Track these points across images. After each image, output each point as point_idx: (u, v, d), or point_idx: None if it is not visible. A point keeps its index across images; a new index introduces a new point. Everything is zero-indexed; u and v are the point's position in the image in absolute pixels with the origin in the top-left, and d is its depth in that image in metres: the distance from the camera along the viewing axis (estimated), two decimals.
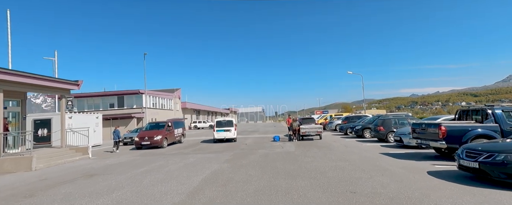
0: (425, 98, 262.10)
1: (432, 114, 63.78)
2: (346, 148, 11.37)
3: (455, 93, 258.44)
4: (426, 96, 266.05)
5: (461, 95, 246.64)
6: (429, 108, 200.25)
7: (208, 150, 12.90)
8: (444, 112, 73.17)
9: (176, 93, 42.28)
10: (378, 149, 10.71)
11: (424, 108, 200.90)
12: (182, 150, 13.37)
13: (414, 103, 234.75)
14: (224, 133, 16.32)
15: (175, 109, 41.27)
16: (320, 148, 11.94)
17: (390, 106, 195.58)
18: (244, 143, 15.83)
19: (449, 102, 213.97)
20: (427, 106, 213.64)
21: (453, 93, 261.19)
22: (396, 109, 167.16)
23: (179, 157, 10.73)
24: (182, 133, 18.15)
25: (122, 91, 30.49)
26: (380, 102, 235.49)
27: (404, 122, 12.49)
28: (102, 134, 26.32)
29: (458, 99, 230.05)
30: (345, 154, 9.71)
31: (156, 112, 33.10)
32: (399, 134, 10.49)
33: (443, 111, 76.49)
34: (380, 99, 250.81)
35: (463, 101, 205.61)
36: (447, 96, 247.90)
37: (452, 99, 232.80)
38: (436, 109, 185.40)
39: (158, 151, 13.57)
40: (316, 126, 15.72)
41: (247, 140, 18.14)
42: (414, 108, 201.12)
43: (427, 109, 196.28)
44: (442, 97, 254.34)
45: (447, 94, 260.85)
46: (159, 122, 17.09)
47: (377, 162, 7.75)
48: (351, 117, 21.18)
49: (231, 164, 8.61)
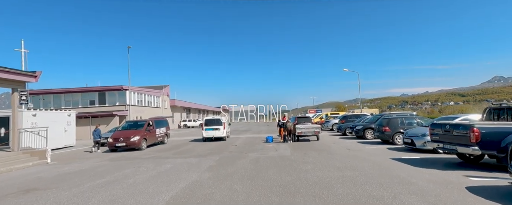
0: (415, 97, 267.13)
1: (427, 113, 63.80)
2: (349, 152, 9.96)
3: (443, 93, 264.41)
4: (416, 96, 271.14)
5: (450, 95, 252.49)
6: (419, 107, 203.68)
7: (191, 153, 11.25)
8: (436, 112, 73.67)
9: (165, 90, 40.14)
10: (386, 153, 9.33)
11: (414, 107, 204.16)
12: (162, 153, 11.67)
13: (404, 102, 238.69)
14: (213, 131, 15.87)
15: (163, 107, 39.17)
16: (319, 151, 10.49)
17: (381, 106, 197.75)
18: (233, 144, 14.26)
19: (438, 101, 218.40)
20: (417, 105, 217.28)
21: (442, 93, 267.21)
22: (388, 109, 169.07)
23: (154, 163, 9.05)
24: (165, 133, 16.39)
25: (104, 87, 28.23)
26: (371, 101, 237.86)
27: (412, 122, 11.20)
28: (78, 133, 24.28)
29: (446, 99, 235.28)
30: (350, 159, 8.28)
31: (141, 110, 31.00)
32: (411, 136, 9.15)
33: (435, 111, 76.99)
34: (372, 99, 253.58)
35: (451, 101, 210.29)
36: (436, 96, 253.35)
37: (441, 99, 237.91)
38: (426, 108, 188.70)
39: (134, 154, 11.82)
40: (313, 126, 14.29)
41: (238, 140, 16.57)
42: (404, 107, 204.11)
43: (417, 108, 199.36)
44: (432, 97, 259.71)
45: (436, 94, 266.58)
46: (138, 120, 15.28)
47: (393, 171, 6.33)
48: (349, 116, 19.91)
49: (213, 173, 7.01)
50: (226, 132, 17.20)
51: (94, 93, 28.07)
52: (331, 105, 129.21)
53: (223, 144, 15.11)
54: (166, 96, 40.86)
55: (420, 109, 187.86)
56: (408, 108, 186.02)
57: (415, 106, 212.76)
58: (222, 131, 15.96)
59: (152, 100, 35.07)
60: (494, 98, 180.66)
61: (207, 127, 15.97)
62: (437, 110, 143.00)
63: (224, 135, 16.23)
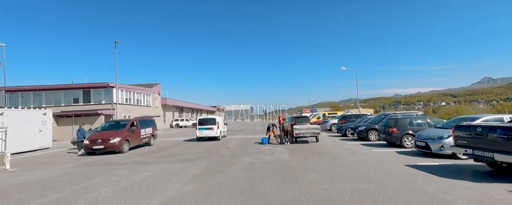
0: (408, 98, 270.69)
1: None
2: (355, 156, 8.85)
3: (435, 94, 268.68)
4: (408, 96, 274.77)
5: (441, 95, 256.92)
6: (411, 107, 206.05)
7: (177, 157, 9.96)
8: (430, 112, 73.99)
9: (156, 88, 38.53)
10: (397, 158, 8.26)
11: (407, 107, 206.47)
12: (144, 157, 10.34)
13: (397, 102, 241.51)
14: (207, 131, 15.69)
15: (154, 105, 37.56)
16: (321, 155, 9.35)
17: (375, 106, 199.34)
18: (226, 146, 13.03)
19: (430, 102, 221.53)
20: (409, 105, 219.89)
21: (434, 94, 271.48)
22: (381, 109, 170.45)
23: (131, 170, 7.74)
24: (152, 134, 15.03)
25: (89, 84, 26.48)
26: (365, 101, 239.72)
27: (422, 123, 10.17)
28: (60, 133, 22.67)
29: (438, 99, 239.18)
30: (359, 166, 7.16)
31: (130, 109, 29.39)
32: (425, 138, 8.09)
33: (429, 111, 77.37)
34: (365, 99, 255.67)
35: (443, 101, 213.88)
36: (428, 96, 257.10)
37: (433, 99, 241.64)
38: (419, 108, 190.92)
39: (112, 158, 10.45)
40: (312, 127, 13.16)
41: (231, 142, 15.34)
42: (398, 107, 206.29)
43: (410, 108, 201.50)
44: (424, 97, 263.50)
45: (428, 95, 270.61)
46: (120, 120, 13.87)
47: (417, 183, 5.22)
48: (349, 116, 18.89)
49: (198, 184, 5.78)
50: (221, 132, 16.80)
51: (78, 91, 26.33)
52: (325, 105, 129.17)
53: (215, 145, 13.89)
54: (157, 94, 39.26)
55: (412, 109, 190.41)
56: (401, 108, 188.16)
57: (408, 106, 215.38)
58: (216, 131, 15.69)
59: (141, 99, 33.45)
60: (484, 99, 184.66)
61: (200, 127, 15.74)
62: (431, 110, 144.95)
63: (218, 134, 15.89)
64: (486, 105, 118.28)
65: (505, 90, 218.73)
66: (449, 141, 7.43)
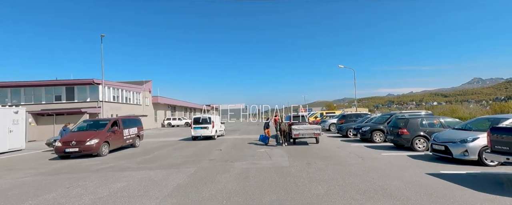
0: (401, 97, 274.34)
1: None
2: (364, 161, 7.81)
3: (427, 94, 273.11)
4: (401, 96, 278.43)
5: (433, 95, 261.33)
6: (404, 107, 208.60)
7: (162, 162, 8.73)
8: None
9: (146, 86, 36.89)
10: (413, 164, 7.23)
11: (400, 107, 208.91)
12: (123, 162, 9.06)
13: (390, 102, 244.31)
14: (201, 130, 15.54)
15: (145, 104, 35.97)
16: (325, 160, 8.27)
17: (368, 105, 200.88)
18: (218, 148, 11.85)
19: (422, 101, 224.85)
20: (402, 105, 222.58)
21: (426, 94, 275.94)
22: (375, 108, 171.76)
23: (102, 179, 6.49)
24: (137, 134, 13.70)
25: (72, 80, 24.79)
26: (359, 101, 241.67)
27: (434, 123, 9.21)
28: (40, 133, 21.01)
29: (430, 99, 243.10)
30: (373, 174, 6.10)
31: (117, 107, 27.80)
32: (444, 142, 7.09)
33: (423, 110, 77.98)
34: (359, 98, 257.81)
35: (435, 101, 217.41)
36: (421, 96, 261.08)
37: (425, 99, 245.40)
38: (411, 108, 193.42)
39: (86, 163, 9.13)
40: (313, 127, 12.09)
41: (224, 143, 14.16)
42: (391, 107, 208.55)
43: (403, 108, 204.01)
44: (416, 97, 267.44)
45: (420, 94, 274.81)
46: (99, 119, 12.51)
47: (456, 202, 4.16)
48: (349, 116, 17.95)
49: (179, 200, 4.61)
50: (217, 131, 16.57)
51: (60, 88, 24.62)
52: (320, 104, 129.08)
53: (207, 146, 12.71)
54: (148, 92, 37.64)
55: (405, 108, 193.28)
56: (394, 108, 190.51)
57: (400, 106, 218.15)
58: (210, 130, 15.52)
59: (131, 97, 31.85)
60: (474, 99, 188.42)
61: (196, 126, 15.62)
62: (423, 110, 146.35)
63: (213, 134, 15.73)
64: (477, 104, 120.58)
65: (494, 90, 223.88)
66: (474, 145, 6.46)
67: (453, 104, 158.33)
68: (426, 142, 8.91)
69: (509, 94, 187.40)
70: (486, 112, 28.38)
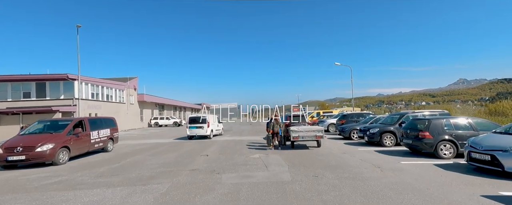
0: (391, 97, 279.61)
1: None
2: (385, 174, 6.21)
3: (416, 94, 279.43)
4: (391, 96, 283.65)
5: (421, 95, 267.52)
6: (394, 107, 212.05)
7: (130, 174, 6.86)
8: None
9: (131, 83, 34.44)
10: (453, 179, 5.67)
11: (390, 107, 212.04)
12: (79, 174, 7.13)
13: (381, 102, 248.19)
14: (197, 130, 15.67)
15: (129, 102, 33.53)
16: (334, 170, 6.64)
17: (359, 105, 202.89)
18: (204, 154, 10.07)
19: (411, 101, 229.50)
20: (392, 105, 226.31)
21: (414, 94, 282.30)
22: (365, 108, 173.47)
23: (32, 203, 4.60)
24: (110, 137, 11.70)
25: (44, 75, 22.21)
26: (350, 100, 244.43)
27: (463, 126, 7.73)
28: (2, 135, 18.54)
29: (418, 99, 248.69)
30: (408, 196, 4.48)
31: (97, 106, 25.40)
32: (489, 149, 5.57)
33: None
34: (350, 98, 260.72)
35: (423, 101, 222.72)
36: (409, 96, 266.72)
37: (413, 99, 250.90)
38: (400, 108, 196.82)
39: (32, 174, 7.14)
40: (314, 128, 10.46)
41: (213, 145, 12.37)
42: (381, 106, 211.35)
43: (393, 108, 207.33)
44: (405, 97, 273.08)
45: (409, 94, 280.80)
46: (59, 119, 10.47)
47: None
48: (350, 115, 16.49)
49: None
50: (213, 131, 16.41)
51: (29, 83, 22.04)
52: (312, 104, 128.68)
53: (193, 150, 10.94)
54: (133, 89, 35.19)
55: (395, 108, 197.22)
56: (384, 108, 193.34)
57: (390, 106, 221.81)
58: (206, 130, 15.53)
59: (113, 94, 29.41)
60: (460, 99, 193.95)
61: (191, 125, 15.75)
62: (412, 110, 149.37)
63: (208, 133, 15.70)
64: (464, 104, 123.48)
65: (479, 91, 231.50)
66: None
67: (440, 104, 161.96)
68: (453, 147, 7.44)
69: (493, 94, 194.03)
70: (483, 112, 27.78)
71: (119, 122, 30.38)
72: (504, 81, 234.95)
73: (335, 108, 54.92)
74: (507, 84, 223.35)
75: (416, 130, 8.09)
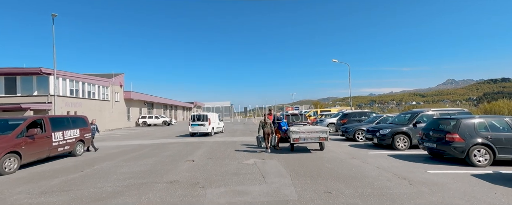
0: (382, 97, 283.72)
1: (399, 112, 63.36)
2: (417, 189, 4.84)
3: (406, 94, 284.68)
4: (382, 96, 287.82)
5: (412, 95, 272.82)
6: (385, 106, 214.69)
7: (86, 190, 5.25)
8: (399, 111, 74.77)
9: (116, 79, 32.28)
10: (508, 195, 4.37)
11: (381, 106, 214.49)
12: (21, 189, 5.46)
13: (372, 101, 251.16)
14: (198, 127, 16.37)
15: (114, 99, 31.39)
16: (350, 183, 5.21)
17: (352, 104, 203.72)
18: (190, 159, 8.51)
19: (402, 101, 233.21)
20: (384, 104, 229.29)
21: (405, 94, 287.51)
22: (358, 107, 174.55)
23: None
24: (80, 138, 9.96)
25: (14, 69, 19.99)
26: (343, 100, 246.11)
27: (499, 126, 6.45)
28: None
29: (409, 98, 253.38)
30: None
31: (76, 103, 23.31)
32: None
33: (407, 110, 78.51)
34: (343, 97, 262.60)
35: (414, 100, 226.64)
36: (400, 96, 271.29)
37: (404, 98, 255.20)
38: (392, 108, 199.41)
39: None
40: (318, 129, 9.03)
41: (199, 149, 10.76)
42: (373, 106, 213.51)
43: (384, 108, 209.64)
44: (396, 97, 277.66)
45: (400, 94, 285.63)
46: (9, 118, 8.59)
47: None
48: (352, 114, 15.19)
49: None
50: (214, 128, 17.20)
51: None
52: (306, 103, 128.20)
53: (177, 153, 9.37)
54: (119, 86, 33.03)
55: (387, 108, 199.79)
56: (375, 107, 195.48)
57: (382, 105, 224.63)
58: (206, 127, 16.24)
59: (95, 91, 27.27)
60: (449, 99, 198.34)
61: (193, 123, 16.44)
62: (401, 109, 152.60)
63: (209, 130, 16.39)
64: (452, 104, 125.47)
65: (467, 91, 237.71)
66: None
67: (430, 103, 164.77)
68: (489, 153, 6.17)
69: (480, 94, 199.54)
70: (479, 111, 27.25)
71: (103, 121, 28.47)
72: (490, 81, 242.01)
73: (332, 107, 54.04)
74: (493, 85, 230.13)
75: (441, 132, 6.79)
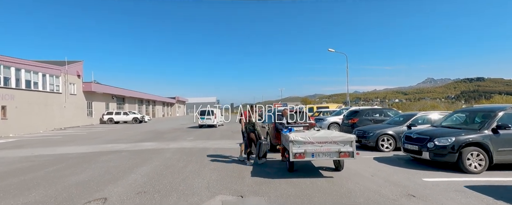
0: (366, 94, 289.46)
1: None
2: None
3: (389, 91, 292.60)
4: (366, 93, 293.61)
5: (394, 93, 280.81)
6: (370, 103, 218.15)
7: None
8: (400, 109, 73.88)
9: (72, 68, 26.78)
10: None
11: (366, 103, 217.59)
12: None
13: (358, 99, 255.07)
14: (206, 120, 19.70)
15: (68, 92, 25.97)
16: None
17: (338, 101, 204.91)
18: (101, 197, 4.26)
19: (386, 98, 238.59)
20: (368, 102, 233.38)
21: (388, 91, 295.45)
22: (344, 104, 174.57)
23: None
24: None
25: None
26: (329, 97, 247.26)
27: None
28: None
29: (392, 96, 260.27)
30: None
31: (8, 95, 18.06)
32: None
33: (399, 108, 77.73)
34: (330, 94, 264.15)
35: (396, 98, 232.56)
36: (384, 94, 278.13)
37: (388, 96, 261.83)
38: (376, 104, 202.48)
39: None
40: (338, 138, 5.13)
41: (142, 167, 6.35)
42: (358, 103, 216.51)
43: (368, 104, 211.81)
44: (380, 94, 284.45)
45: (383, 92, 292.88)
46: None
47: None
48: (364, 112, 11.47)
49: None
50: (219, 121, 20.67)
51: None
52: (295, 99, 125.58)
53: (123, 164, 5.02)
54: (76, 76, 27.55)
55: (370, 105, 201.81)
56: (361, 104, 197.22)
57: (366, 102, 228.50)
58: (213, 120, 19.75)
59: (38, 80, 21.87)
60: (429, 97, 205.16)
61: (201, 116, 19.67)
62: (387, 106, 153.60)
63: (215, 123, 19.92)
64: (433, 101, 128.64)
65: (445, 89, 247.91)
66: None
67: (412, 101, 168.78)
68: None
69: (457, 92, 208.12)
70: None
71: (53, 117, 23.18)
72: (466, 80, 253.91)
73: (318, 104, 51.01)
74: (469, 84, 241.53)
75: None
